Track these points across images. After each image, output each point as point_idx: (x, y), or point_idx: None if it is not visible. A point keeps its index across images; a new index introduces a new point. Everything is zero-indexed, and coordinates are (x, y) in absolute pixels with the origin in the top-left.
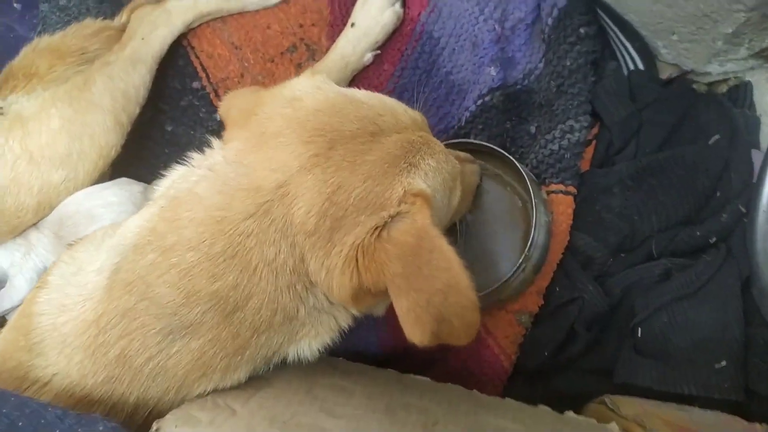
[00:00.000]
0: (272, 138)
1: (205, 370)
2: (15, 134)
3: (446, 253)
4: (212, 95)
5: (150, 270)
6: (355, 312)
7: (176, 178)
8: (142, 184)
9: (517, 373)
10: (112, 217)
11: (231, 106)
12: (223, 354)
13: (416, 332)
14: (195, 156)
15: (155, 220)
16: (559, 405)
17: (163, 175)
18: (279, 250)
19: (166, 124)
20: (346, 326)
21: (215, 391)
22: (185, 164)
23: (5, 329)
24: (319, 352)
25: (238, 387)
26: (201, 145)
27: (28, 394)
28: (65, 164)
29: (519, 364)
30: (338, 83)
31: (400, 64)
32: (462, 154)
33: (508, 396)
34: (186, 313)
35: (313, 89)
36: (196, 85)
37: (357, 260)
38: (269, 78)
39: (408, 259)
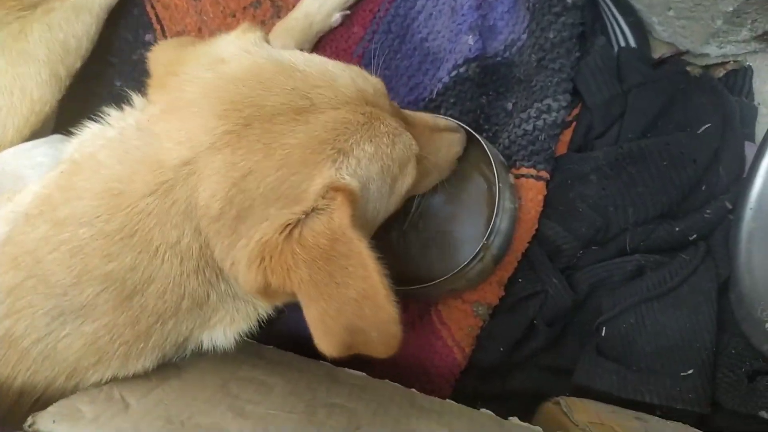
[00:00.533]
0: (186, 105)
1: (100, 356)
2: None
3: (364, 259)
4: None
5: (40, 244)
6: (271, 303)
7: (86, 139)
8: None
9: (472, 367)
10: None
11: (158, 60)
12: (122, 341)
13: (325, 342)
14: (111, 113)
15: (51, 187)
16: (514, 404)
17: (73, 133)
18: (183, 233)
19: (115, 78)
20: (266, 314)
21: (116, 378)
22: (99, 122)
23: None
24: (236, 340)
25: (143, 376)
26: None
27: None
28: None
29: (474, 358)
30: (301, 45)
31: (371, 27)
32: (442, 121)
33: (459, 393)
34: (77, 295)
35: (241, 52)
36: (149, 37)
37: (263, 259)
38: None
39: (318, 264)
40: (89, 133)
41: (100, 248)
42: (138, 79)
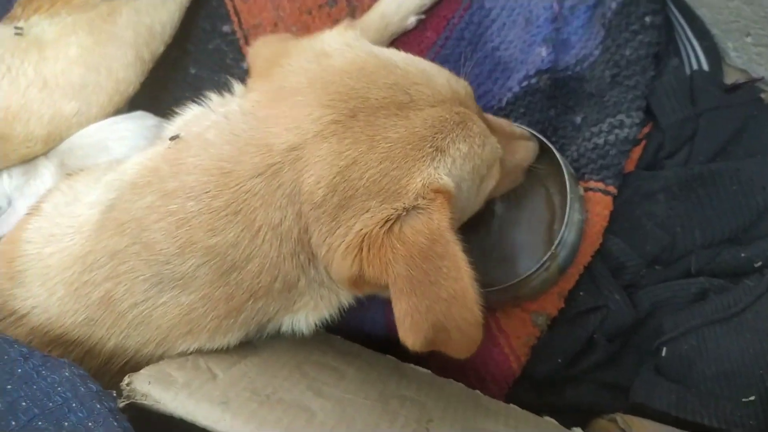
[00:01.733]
0: (291, 94)
1: (191, 328)
2: (31, 58)
3: (458, 261)
4: (242, 41)
5: (146, 213)
6: (355, 294)
7: (189, 119)
8: (156, 118)
9: (525, 377)
10: (123, 150)
11: (258, 54)
12: (215, 314)
13: (410, 336)
14: (213, 98)
15: (158, 161)
16: (567, 417)
17: (177, 114)
18: (285, 216)
19: (191, 66)
20: (347, 304)
21: (199, 351)
22: (201, 105)
23: None
24: (316, 326)
25: (225, 351)
26: (225, 89)
27: (3, 326)
28: (79, 96)
29: (530, 368)
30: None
31: (444, 33)
32: (518, 129)
33: (512, 401)
34: (179, 264)
35: (343, 46)
36: (226, 28)
37: (361, 250)
38: (304, 31)
39: (416, 261)
40: (192, 114)
41: (206, 222)
42: (212, 67)
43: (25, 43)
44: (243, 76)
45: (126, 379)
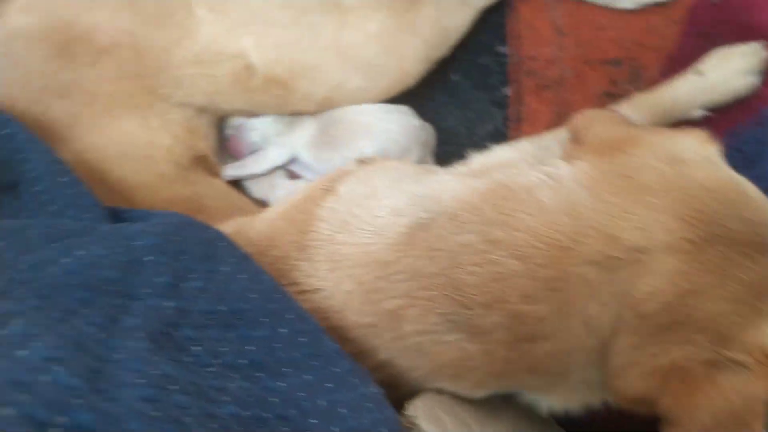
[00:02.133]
0: (642, 192)
1: (461, 373)
2: (331, 18)
3: None
4: (512, 66)
5: (463, 251)
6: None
7: (503, 162)
8: (419, 120)
9: None
10: (384, 142)
11: (589, 126)
12: (488, 371)
13: None
14: (524, 145)
15: (480, 200)
16: None
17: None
18: (603, 312)
19: (453, 72)
20: (595, 407)
21: (452, 393)
22: (511, 149)
23: (276, 215)
24: (553, 410)
25: (475, 402)
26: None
27: None
28: (366, 73)
29: None
30: (649, 123)
31: (723, 138)
32: None
33: None
34: (480, 316)
35: (703, 160)
36: (502, 49)
37: (668, 378)
38: (576, 79)
39: (721, 419)
40: (505, 156)
41: (524, 287)
42: (475, 81)
43: (329, 2)
44: (500, 100)
45: (411, 410)
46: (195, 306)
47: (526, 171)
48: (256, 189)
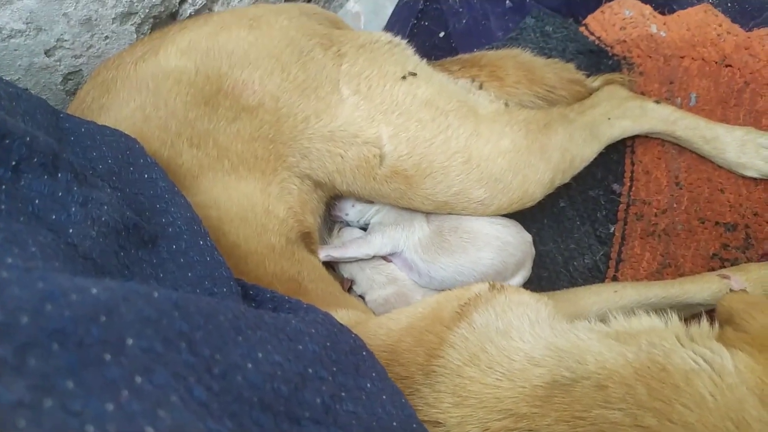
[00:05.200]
0: None
1: None
2: (466, 126)
3: None
4: (623, 206)
5: (609, 428)
6: None
7: (650, 329)
8: (528, 234)
9: None
10: (503, 255)
11: (751, 312)
12: None
13: None
14: (675, 324)
15: (631, 376)
16: None
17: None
18: None
19: (562, 198)
20: None
21: None
22: (657, 317)
23: (399, 327)
24: None
25: None
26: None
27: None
28: (490, 187)
29: None
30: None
31: None
32: None
33: None
34: None
35: None
36: (615, 187)
37: None
38: (687, 234)
39: None
40: (649, 324)
41: None
42: (581, 212)
43: (466, 108)
44: (607, 237)
45: None
46: None
47: (680, 350)
48: (344, 267)
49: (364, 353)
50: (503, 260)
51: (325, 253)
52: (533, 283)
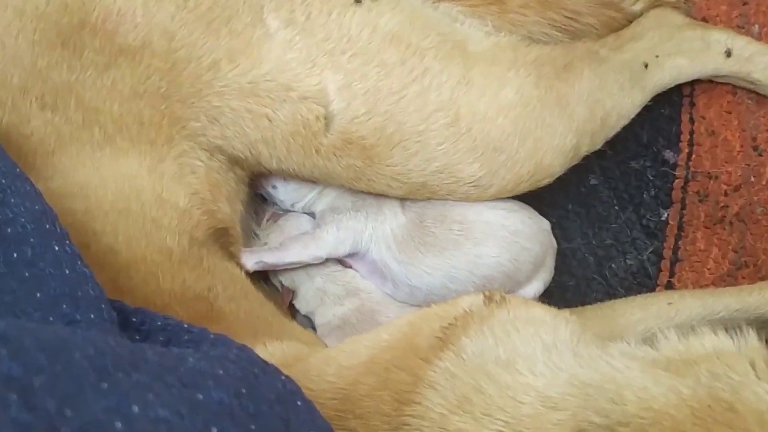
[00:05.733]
0: None
1: None
2: (452, 71)
3: None
4: (679, 182)
5: None
6: None
7: (713, 352)
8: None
9: None
10: (513, 250)
11: None
12: None
13: None
14: (752, 346)
15: (688, 418)
16: None
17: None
18: None
19: (593, 176)
20: None
21: None
22: (726, 337)
23: (356, 361)
24: None
25: None
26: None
27: None
28: (487, 159)
29: None
30: None
31: None
32: None
33: None
34: None
35: None
36: (668, 155)
37: None
38: (753, 225)
39: None
40: (713, 346)
41: None
42: (621, 191)
43: (450, 45)
44: (658, 228)
45: None
46: None
47: (755, 384)
48: (285, 278)
49: (298, 403)
50: (513, 257)
51: (253, 259)
52: (554, 296)
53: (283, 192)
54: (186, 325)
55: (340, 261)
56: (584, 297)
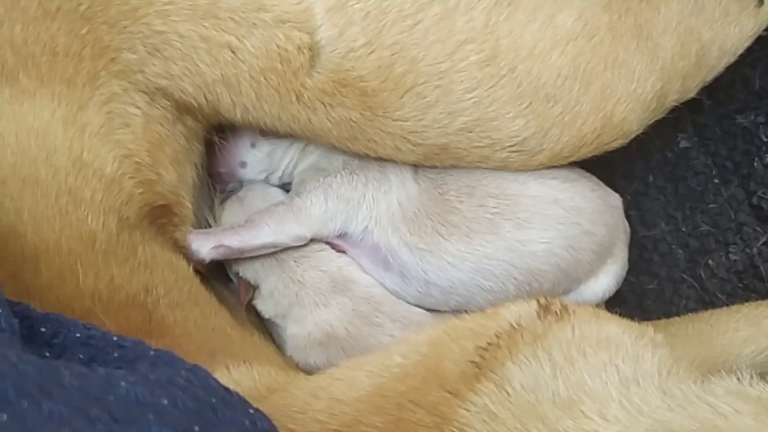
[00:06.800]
0: None
1: None
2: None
3: None
4: None
5: None
6: None
7: None
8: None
9: None
10: (571, 234)
11: None
12: None
13: None
14: None
15: None
16: None
17: None
18: None
19: (684, 137)
20: None
21: None
22: None
23: (356, 393)
24: None
25: None
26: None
27: None
28: (534, 110)
29: None
30: None
31: None
32: None
33: None
34: None
35: None
36: None
37: None
38: None
39: None
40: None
41: None
42: (728, 162)
43: None
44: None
45: None
46: None
47: None
48: (245, 268)
49: None
50: (570, 244)
51: (210, 244)
52: (628, 304)
53: (256, 160)
54: (116, 338)
55: (330, 244)
56: (670, 305)
